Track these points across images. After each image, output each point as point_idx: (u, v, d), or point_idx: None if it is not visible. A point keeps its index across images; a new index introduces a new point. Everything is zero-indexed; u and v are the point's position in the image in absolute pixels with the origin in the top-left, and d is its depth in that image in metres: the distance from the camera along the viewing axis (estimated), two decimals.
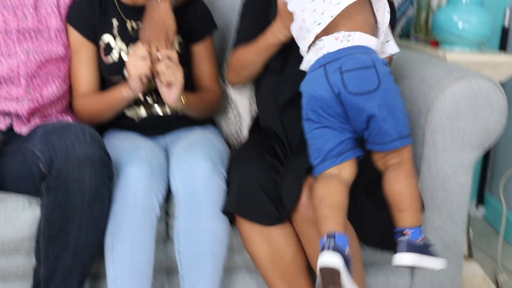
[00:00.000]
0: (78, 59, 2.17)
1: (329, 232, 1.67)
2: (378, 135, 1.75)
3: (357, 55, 1.75)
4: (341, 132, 1.77)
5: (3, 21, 2.04)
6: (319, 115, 1.77)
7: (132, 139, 2.07)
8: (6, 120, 2.04)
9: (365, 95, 1.72)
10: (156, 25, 2.01)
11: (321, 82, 1.75)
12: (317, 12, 1.80)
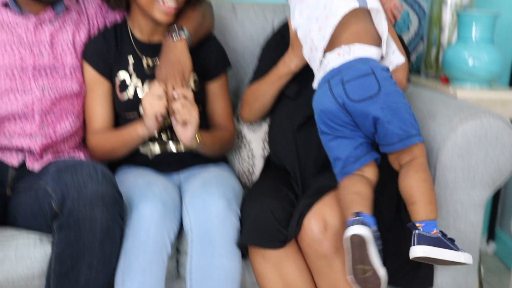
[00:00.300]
0: (93, 95, 2.19)
1: (355, 212, 1.76)
2: (386, 136, 1.84)
3: (357, 65, 1.87)
4: (354, 139, 1.89)
5: (19, 58, 2.07)
6: (330, 127, 1.89)
7: (146, 175, 2.07)
8: (19, 156, 2.06)
9: (367, 100, 1.83)
10: (173, 64, 2.04)
11: (327, 96, 1.88)
12: (322, 29, 1.94)
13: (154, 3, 2.07)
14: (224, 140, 2.25)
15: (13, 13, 2.09)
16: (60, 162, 1.91)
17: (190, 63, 2.07)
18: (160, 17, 2.09)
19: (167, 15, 2.08)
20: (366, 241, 1.69)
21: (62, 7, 2.14)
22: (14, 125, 2.06)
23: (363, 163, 1.89)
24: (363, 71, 1.86)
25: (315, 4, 2.01)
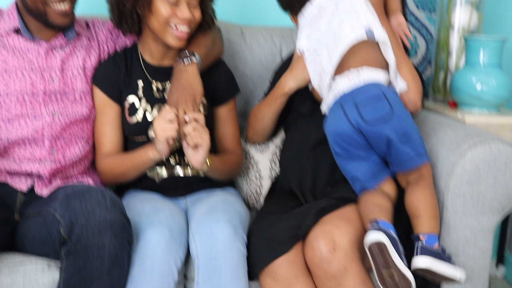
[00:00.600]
0: (103, 119, 2.20)
1: (372, 219, 1.82)
2: (397, 156, 1.94)
3: (369, 89, 1.96)
4: (368, 158, 1.97)
5: (30, 84, 2.08)
6: (344, 149, 1.97)
7: (153, 201, 2.08)
8: (28, 181, 2.06)
9: (381, 122, 1.91)
10: (184, 89, 2.05)
11: (341, 118, 1.94)
12: (331, 56, 2.00)
13: (167, 28, 2.09)
14: (233, 164, 2.26)
15: (25, 39, 2.11)
16: (69, 188, 1.91)
17: (201, 87, 2.08)
18: (172, 42, 2.11)
19: (180, 40, 2.11)
20: (386, 245, 1.75)
21: (73, 34, 2.16)
22: (23, 150, 2.07)
23: (380, 178, 1.98)
24: (375, 94, 1.94)
25: (325, 30, 2.05)
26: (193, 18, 2.11)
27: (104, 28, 2.27)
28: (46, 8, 2.04)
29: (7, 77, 2.07)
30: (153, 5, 2.09)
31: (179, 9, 2.08)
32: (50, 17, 2.06)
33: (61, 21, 2.07)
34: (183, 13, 2.08)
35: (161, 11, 2.08)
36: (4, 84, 2.06)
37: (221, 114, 2.29)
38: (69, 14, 2.08)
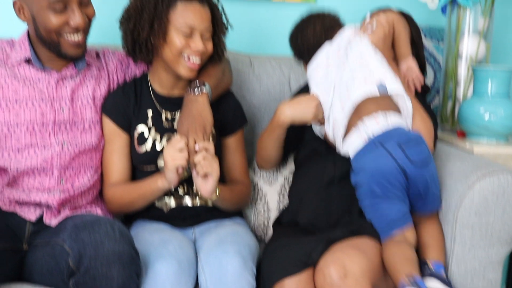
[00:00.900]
0: (112, 148, 2.21)
1: (408, 274, 1.85)
2: (429, 198, 2.01)
3: (405, 131, 2.02)
4: (404, 199, 1.98)
5: (40, 114, 2.09)
6: (385, 187, 1.96)
7: (161, 232, 2.08)
8: (36, 211, 2.07)
9: (424, 164, 1.97)
10: (194, 118, 2.06)
11: (385, 157, 1.96)
12: (344, 109, 2.03)
13: (180, 59, 2.12)
14: (241, 194, 2.27)
15: (36, 69, 2.13)
16: (78, 218, 1.92)
17: (211, 117, 2.10)
18: (184, 72, 2.13)
19: (191, 71, 2.13)
20: None
21: (83, 64, 2.18)
22: (32, 180, 2.08)
23: (409, 220, 1.99)
24: (414, 137, 2.01)
25: (336, 80, 2.09)
26: (206, 50, 2.14)
27: (114, 58, 2.29)
28: (60, 39, 2.07)
29: (18, 107, 2.08)
30: (168, 35, 2.11)
31: (192, 41, 2.11)
32: (63, 47, 2.08)
33: (74, 52, 2.10)
34: (197, 45, 2.10)
35: (176, 41, 2.10)
36: (14, 114, 2.08)
37: (229, 145, 2.30)
38: (82, 45, 2.10)
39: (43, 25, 2.05)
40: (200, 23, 2.11)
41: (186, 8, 2.10)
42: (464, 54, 2.65)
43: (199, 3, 2.12)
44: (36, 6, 2.03)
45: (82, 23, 2.05)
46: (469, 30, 2.64)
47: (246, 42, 2.80)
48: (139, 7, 2.13)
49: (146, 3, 2.12)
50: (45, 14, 2.03)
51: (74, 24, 2.04)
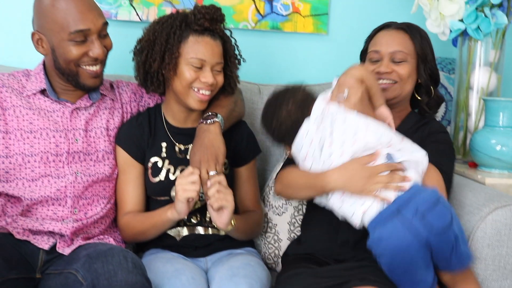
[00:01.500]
0: (126, 178, 2.22)
1: None
2: (458, 257, 1.85)
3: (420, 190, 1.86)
4: (426, 270, 1.85)
5: (54, 144, 2.11)
6: (406, 266, 1.83)
7: (174, 261, 2.08)
8: (50, 240, 2.07)
9: (447, 227, 1.80)
10: (206, 148, 2.07)
11: (405, 232, 1.79)
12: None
13: (190, 91, 2.14)
14: (254, 224, 2.28)
15: (50, 100, 2.15)
16: (91, 248, 1.93)
17: (223, 146, 2.11)
18: (193, 104, 2.15)
19: (201, 102, 2.15)
20: None
21: (98, 95, 2.21)
22: (46, 209, 2.09)
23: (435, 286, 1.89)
24: (432, 197, 1.84)
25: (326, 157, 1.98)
26: (216, 82, 2.16)
27: (128, 89, 2.32)
28: (78, 69, 2.10)
29: (32, 137, 2.10)
30: (179, 68, 2.13)
31: (203, 74, 2.13)
32: (82, 78, 2.11)
33: (92, 82, 2.12)
34: (207, 78, 2.12)
35: (185, 74, 2.12)
36: (29, 144, 2.10)
37: (242, 174, 2.31)
38: (99, 75, 2.13)
39: (62, 56, 2.08)
40: (210, 57, 2.13)
41: (197, 41, 2.13)
42: (475, 85, 2.67)
43: (211, 37, 2.14)
44: (56, 37, 2.06)
45: (101, 54, 2.09)
46: (480, 62, 2.66)
47: (255, 71, 2.82)
48: (152, 39, 2.16)
49: (159, 35, 2.15)
50: (65, 45, 2.06)
51: (94, 55, 2.08)
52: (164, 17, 2.20)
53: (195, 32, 2.13)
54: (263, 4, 2.79)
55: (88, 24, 2.05)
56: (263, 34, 2.83)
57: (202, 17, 2.12)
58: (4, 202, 2.09)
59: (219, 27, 2.17)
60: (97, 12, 2.10)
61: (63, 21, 2.04)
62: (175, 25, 2.14)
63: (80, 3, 2.06)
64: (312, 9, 2.83)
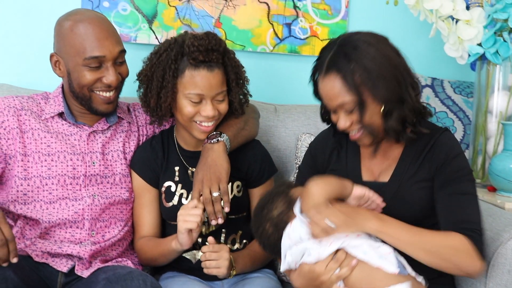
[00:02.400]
0: (141, 202, 2.23)
1: None
2: None
3: None
4: None
5: (72, 167, 2.12)
6: None
7: (191, 285, 2.08)
8: (68, 263, 2.08)
9: None
10: (209, 167, 2.06)
11: None
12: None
13: (192, 124, 2.13)
14: (263, 255, 2.22)
15: (68, 123, 2.17)
16: (110, 271, 1.93)
17: (227, 164, 2.09)
18: (198, 135, 2.15)
19: (205, 133, 2.14)
20: None
21: (115, 118, 2.22)
22: (64, 232, 2.10)
23: None
24: None
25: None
26: (218, 113, 2.13)
27: (144, 112, 2.32)
28: (92, 94, 2.11)
29: (50, 160, 2.11)
30: (177, 103, 2.12)
31: (203, 108, 2.09)
32: (94, 103, 2.12)
33: (105, 108, 2.13)
34: (207, 112, 2.09)
35: (184, 110, 2.10)
36: (47, 167, 2.11)
37: (257, 195, 2.26)
38: (112, 101, 2.14)
39: (77, 80, 2.09)
40: (208, 90, 2.08)
41: (193, 76, 2.07)
42: (494, 109, 2.65)
43: (207, 69, 2.07)
44: (72, 61, 2.08)
45: (114, 81, 2.09)
46: (498, 86, 2.64)
47: (273, 93, 2.83)
48: (149, 75, 2.14)
49: (155, 70, 2.12)
50: (79, 70, 2.08)
51: (107, 82, 2.09)
52: (161, 47, 2.14)
53: (190, 66, 2.07)
54: (281, 28, 2.80)
55: (103, 51, 2.07)
56: (281, 57, 2.84)
57: (196, 50, 2.05)
58: (22, 225, 2.10)
59: (216, 55, 2.09)
60: (115, 40, 2.11)
61: (79, 46, 2.06)
62: (171, 59, 2.09)
63: (98, 29, 2.08)
64: (330, 32, 2.84)
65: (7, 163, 2.10)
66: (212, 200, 2.02)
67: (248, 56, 2.75)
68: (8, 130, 2.10)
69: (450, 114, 2.85)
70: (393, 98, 1.84)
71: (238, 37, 2.77)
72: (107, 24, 2.12)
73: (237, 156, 2.19)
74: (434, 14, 2.57)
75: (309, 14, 2.82)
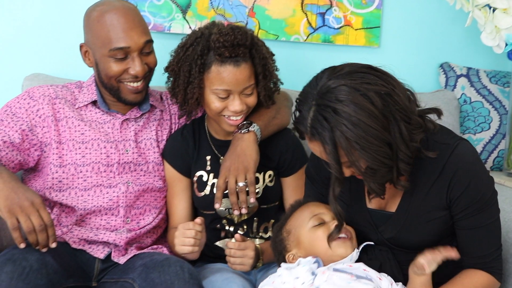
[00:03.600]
0: (173, 192, 2.23)
1: None
2: None
3: None
4: None
5: (105, 154, 2.14)
6: None
7: (224, 272, 2.07)
8: (105, 249, 2.09)
9: None
10: (237, 156, 2.06)
11: None
12: None
13: (220, 118, 2.12)
14: None
15: (101, 112, 2.18)
16: (147, 257, 1.94)
17: (256, 155, 2.08)
18: (228, 128, 2.14)
19: (235, 126, 2.13)
20: None
21: (147, 106, 2.23)
22: (99, 219, 2.12)
23: None
24: None
25: None
26: (246, 107, 2.11)
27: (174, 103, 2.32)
28: (120, 85, 2.12)
29: (84, 148, 2.13)
30: (205, 98, 2.10)
31: (230, 103, 2.08)
32: (123, 93, 2.13)
33: (133, 98, 2.14)
34: (235, 107, 2.07)
35: (212, 105, 2.09)
36: (81, 154, 2.13)
37: (290, 184, 2.26)
38: (141, 91, 2.14)
39: (104, 71, 2.11)
40: (235, 86, 2.06)
41: (219, 72, 2.05)
42: None
43: (233, 64, 2.04)
44: (99, 52, 2.10)
45: (141, 72, 2.09)
46: None
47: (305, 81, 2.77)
48: (176, 70, 2.13)
49: (182, 65, 2.10)
50: (106, 61, 2.09)
51: (133, 73, 2.09)
52: (188, 40, 2.13)
53: (217, 61, 2.04)
54: (315, 17, 2.79)
55: (128, 42, 2.07)
56: (315, 47, 2.82)
57: (222, 46, 2.02)
58: (59, 212, 2.12)
59: (242, 50, 2.05)
60: (141, 30, 2.10)
61: (105, 37, 2.07)
62: (197, 54, 2.07)
63: (123, 20, 2.08)
64: (364, 22, 2.82)
65: (43, 151, 2.12)
66: (237, 190, 2.01)
67: (282, 46, 2.73)
68: (43, 118, 2.12)
69: (486, 104, 2.81)
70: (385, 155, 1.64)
71: (272, 26, 2.76)
72: (133, 14, 2.12)
73: (269, 145, 2.18)
74: (471, 3, 2.53)
75: (343, 4, 2.80)
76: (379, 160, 1.63)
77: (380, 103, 1.62)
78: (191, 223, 2.01)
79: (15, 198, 1.80)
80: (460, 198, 1.75)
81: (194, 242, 1.99)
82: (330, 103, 1.62)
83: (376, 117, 1.61)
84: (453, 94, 2.79)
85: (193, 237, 1.98)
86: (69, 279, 1.93)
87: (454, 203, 1.76)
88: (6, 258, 1.82)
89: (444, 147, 1.75)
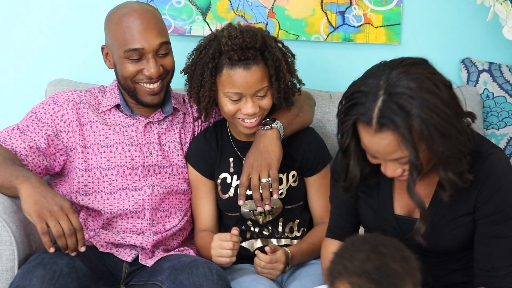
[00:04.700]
0: (198, 195, 2.24)
1: None
2: None
3: None
4: None
5: (130, 158, 2.15)
6: None
7: (251, 273, 2.08)
8: (132, 252, 2.10)
9: None
10: (260, 153, 2.06)
11: None
12: None
13: (235, 120, 2.12)
14: (318, 244, 2.13)
15: (125, 115, 2.20)
16: (174, 260, 1.96)
17: (279, 151, 2.08)
18: (244, 130, 2.14)
19: (250, 129, 2.13)
20: None
21: (170, 109, 2.24)
22: (126, 222, 2.13)
23: None
24: None
25: None
26: (260, 110, 2.10)
27: None
28: (136, 86, 2.14)
29: (109, 151, 2.15)
30: (218, 101, 2.11)
31: (243, 106, 2.07)
32: (139, 94, 2.15)
33: (150, 99, 2.15)
34: (247, 110, 2.07)
35: (225, 108, 2.10)
36: (105, 158, 2.14)
37: (313, 183, 2.25)
38: (158, 92, 2.15)
39: (120, 72, 2.13)
40: (246, 89, 2.05)
41: (230, 75, 2.05)
42: None
43: (244, 67, 2.04)
44: (116, 53, 2.12)
45: (155, 73, 2.10)
46: None
47: (328, 81, 2.80)
48: (190, 73, 2.14)
49: (196, 68, 2.11)
50: (122, 62, 2.11)
51: (148, 74, 2.10)
52: (203, 43, 2.13)
53: (227, 64, 2.04)
54: (335, 16, 2.78)
55: (142, 43, 2.08)
56: (335, 45, 2.82)
57: (231, 49, 2.01)
58: (85, 216, 2.14)
59: (252, 53, 2.04)
60: (156, 31, 2.11)
61: (121, 39, 2.09)
62: (209, 57, 2.07)
63: (139, 21, 2.09)
64: (384, 19, 2.81)
65: (68, 155, 2.14)
66: (261, 186, 2.01)
67: (302, 46, 2.73)
68: (68, 123, 2.14)
69: (509, 99, 2.79)
70: (462, 142, 1.63)
71: (292, 26, 2.76)
72: (150, 16, 2.13)
73: (292, 144, 2.18)
74: None
75: (363, 2, 2.79)
76: (458, 148, 1.61)
77: (448, 93, 1.62)
78: (228, 234, 2.00)
79: (44, 203, 1.82)
80: (485, 204, 1.72)
81: (232, 253, 1.99)
82: (405, 90, 1.58)
83: (449, 105, 1.60)
84: (475, 90, 2.78)
85: (231, 248, 1.99)
86: (98, 283, 1.95)
87: (479, 209, 1.73)
88: (37, 262, 1.84)
89: (477, 155, 1.72)
